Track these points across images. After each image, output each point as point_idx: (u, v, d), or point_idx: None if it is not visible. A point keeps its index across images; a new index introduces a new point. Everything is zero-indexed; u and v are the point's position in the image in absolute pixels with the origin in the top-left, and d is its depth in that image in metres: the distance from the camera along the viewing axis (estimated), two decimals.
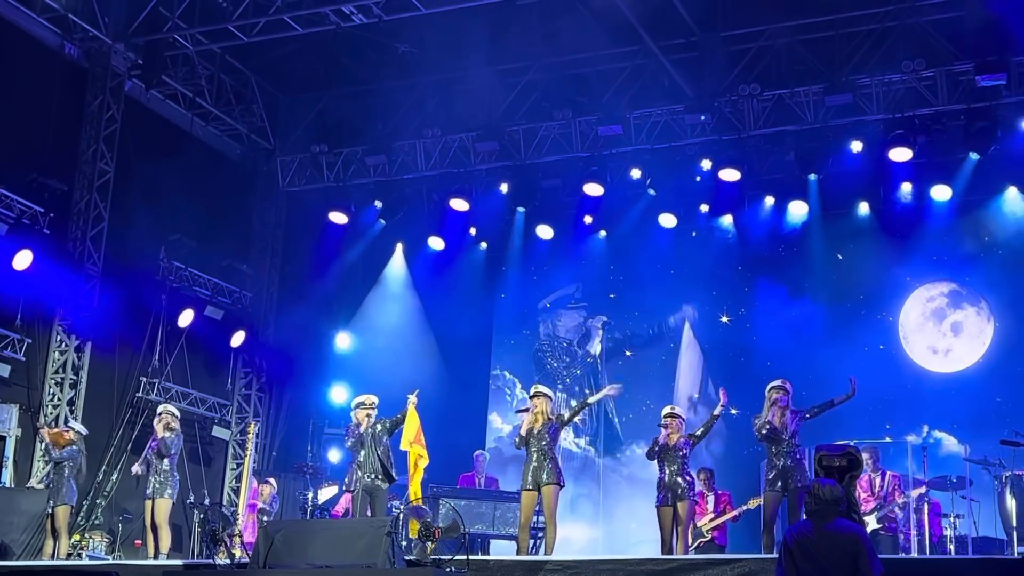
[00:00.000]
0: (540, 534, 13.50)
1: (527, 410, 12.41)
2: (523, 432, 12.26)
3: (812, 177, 17.17)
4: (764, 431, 11.62)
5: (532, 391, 12.54)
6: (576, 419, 13.83)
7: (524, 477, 12.12)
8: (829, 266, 17.77)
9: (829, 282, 17.69)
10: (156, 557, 13.12)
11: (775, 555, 8.90)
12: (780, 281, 17.98)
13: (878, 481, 14.00)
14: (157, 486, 13.26)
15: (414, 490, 13.16)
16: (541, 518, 12.78)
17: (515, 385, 19.82)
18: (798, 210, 17.44)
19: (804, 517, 7.99)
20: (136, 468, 13.73)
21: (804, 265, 17.90)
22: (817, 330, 17.31)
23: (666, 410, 12.33)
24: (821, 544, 7.53)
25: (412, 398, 12.78)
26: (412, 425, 12.77)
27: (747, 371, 17.55)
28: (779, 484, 11.54)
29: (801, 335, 17.15)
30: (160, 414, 13.64)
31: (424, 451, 12.88)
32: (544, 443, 12.08)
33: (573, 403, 14.16)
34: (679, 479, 11.93)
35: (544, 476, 11.96)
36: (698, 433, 12.36)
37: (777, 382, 11.83)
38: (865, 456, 14.02)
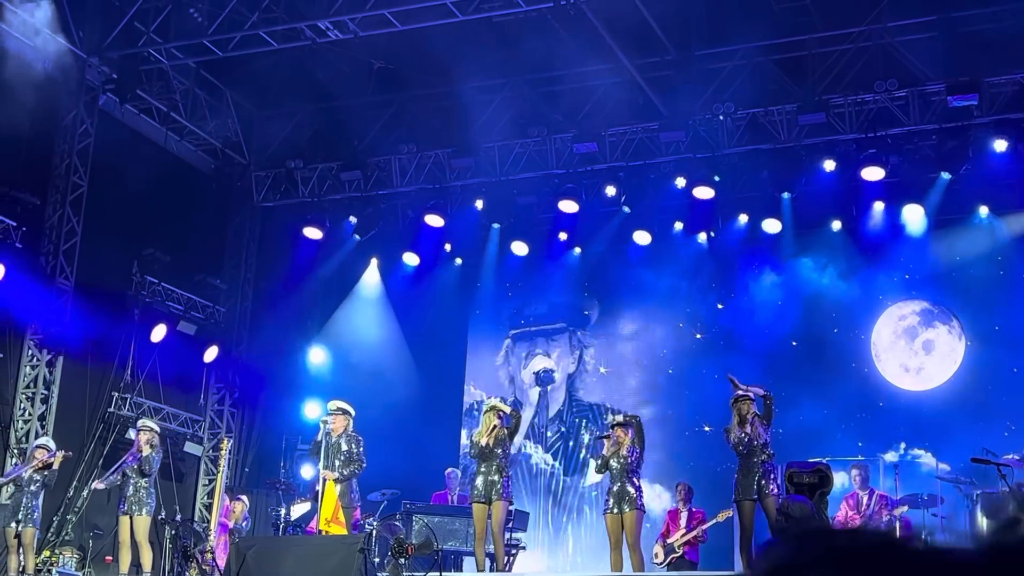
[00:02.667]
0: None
1: (495, 427, 12.41)
2: (485, 442, 12.25)
3: (785, 195, 17.26)
4: (744, 442, 11.57)
5: (486, 406, 12.59)
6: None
7: (474, 490, 12.16)
8: (802, 284, 17.84)
9: (802, 300, 17.75)
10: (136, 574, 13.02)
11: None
12: (753, 298, 18.05)
13: (865, 499, 14.05)
14: (136, 503, 13.12)
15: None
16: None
17: (483, 400, 19.81)
18: (771, 228, 17.50)
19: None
20: (99, 484, 13.55)
21: (778, 283, 17.97)
22: (789, 348, 17.41)
23: (615, 420, 12.41)
24: None
25: (329, 474, 12.48)
26: (329, 502, 12.32)
27: (720, 388, 17.57)
28: (754, 494, 11.59)
29: (774, 352, 17.22)
30: (141, 429, 13.52)
31: (343, 528, 12.28)
32: (499, 458, 12.14)
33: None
34: (628, 487, 11.91)
35: (496, 491, 12.02)
36: (636, 441, 12.32)
37: (741, 392, 11.86)
38: (854, 473, 14.10)
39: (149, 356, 17.34)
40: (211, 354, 18.25)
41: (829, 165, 16.60)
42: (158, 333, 17.31)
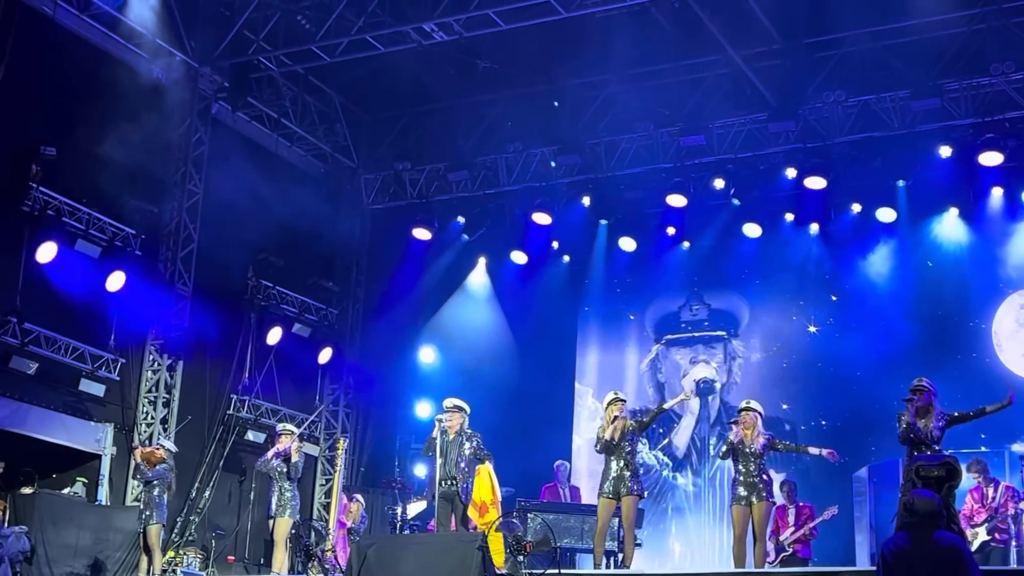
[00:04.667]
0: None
1: (617, 418, 12.19)
2: (610, 436, 12.09)
3: (900, 183, 16.92)
4: (908, 434, 10.93)
5: (610, 397, 12.41)
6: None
7: (602, 485, 12.00)
8: (919, 273, 17.44)
9: (919, 290, 17.35)
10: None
11: (872, 567, 8.77)
12: (868, 289, 17.68)
13: (990, 492, 13.69)
14: (280, 506, 13.36)
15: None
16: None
17: (587, 395, 19.76)
18: (886, 217, 17.16)
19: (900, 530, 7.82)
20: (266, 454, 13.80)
21: (893, 273, 17.60)
22: (907, 339, 16.97)
23: (741, 404, 12.08)
24: (919, 557, 7.36)
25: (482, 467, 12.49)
26: (481, 486, 12.28)
27: (836, 381, 17.33)
28: None
29: (891, 344, 16.82)
30: (282, 433, 13.75)
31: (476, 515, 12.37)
32: (626, 452, 11.97)
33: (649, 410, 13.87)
34: (756, 479, 11.61)
35: (625, 486, 11.84)
36: (779, 446, 12.03)
37: (916, 381, 11.31)
38: (973, 471, 13.66)
39: (265, 358, 17.66)
40: (325, 355, 18.53)
41: (945, 151, 16.21)
42: (274, 336, 17.62)
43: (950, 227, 17.30)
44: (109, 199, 15.55)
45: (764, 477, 11.64)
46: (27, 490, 14.34)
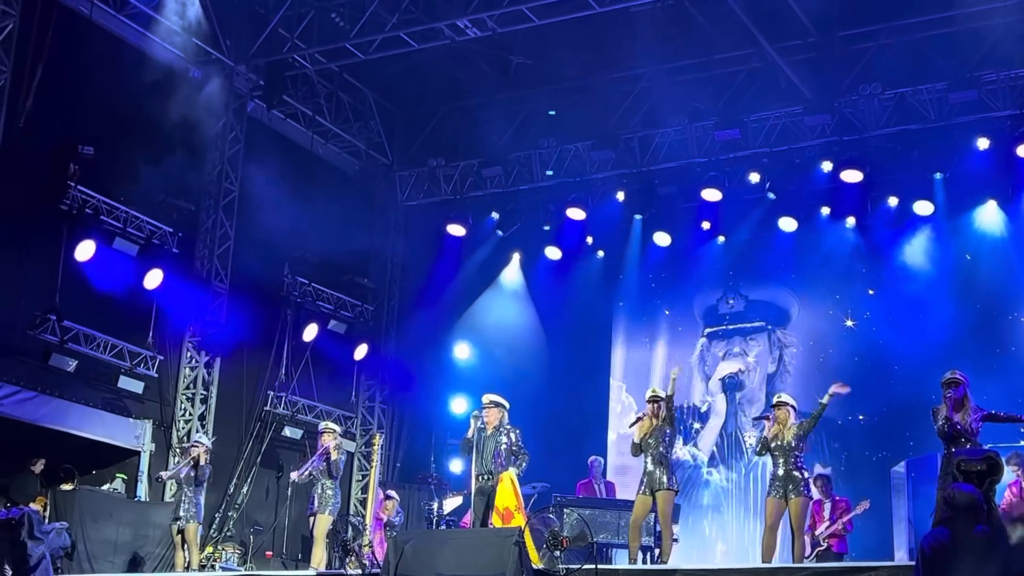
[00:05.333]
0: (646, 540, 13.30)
1: (639, 419, 12.23)
2: (636, 439, 12.10)
3: (937, 176, 16.79)
4: (946, 428, 10.81)
5: (648, 395, 12.38)
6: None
7: (640, 483, 11.98)
8: (957, 266, 17.30)
9: (957, 283, 17.20)
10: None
11: (911, 562, 8.72)
12: (906, 283, 17.55)
13: None
14: (322, 503, 13.43)
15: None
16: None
17: (621, 390, 19.71)
18: (923, 210, 17.03)
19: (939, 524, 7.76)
20: (295, 475, 13.85)
21: (930, 266, 17.46)
22: (945, 332, 16.84)
23: (774, 399, 12.01)
24: (959, 552, 7.31)
25: (506, 474, 12.31)
26: (504, 496, 12.10)
27: (873, 375, 17.20)
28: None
29: (929, 338, 16.70)
30: (324, 432, 13.77)
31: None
32: (656, 449, 11.93)
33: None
34: (794, 472, 11.48)
35: (658, 481, 11.82)
36: (805, 426, 11.84)
37: (949, 374, 11.13)
38: (1013, 464, 13.52)
39: (302, 355, 17.74)
40: (361, 352, 18.59)
41: (983, 143, 16.09)
42: (310, 332, 17.69)
43: (988, 219, 17.14)
44: (146, 197, 15.67)
45: (801, 472, 11.56)
46: (67, 486, 14.50)
